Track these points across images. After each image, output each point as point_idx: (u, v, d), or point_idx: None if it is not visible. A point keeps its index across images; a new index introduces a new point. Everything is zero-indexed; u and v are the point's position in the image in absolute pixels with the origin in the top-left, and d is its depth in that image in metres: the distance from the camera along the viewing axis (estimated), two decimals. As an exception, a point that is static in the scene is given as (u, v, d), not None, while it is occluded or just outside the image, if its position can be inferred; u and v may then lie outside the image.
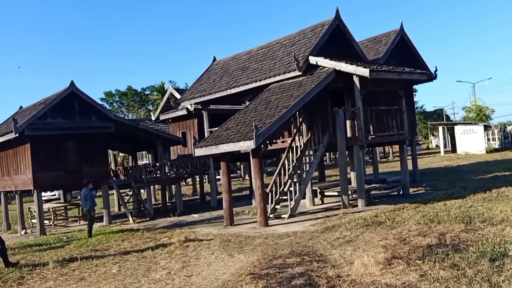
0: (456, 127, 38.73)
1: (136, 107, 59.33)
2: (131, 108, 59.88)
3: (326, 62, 13.74)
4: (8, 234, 17.73)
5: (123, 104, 62.07)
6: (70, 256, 9.82)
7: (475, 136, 36.39)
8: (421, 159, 37.35)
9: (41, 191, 15.58)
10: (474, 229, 8.11)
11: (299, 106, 12.20)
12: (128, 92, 60.77)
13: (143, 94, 60.14)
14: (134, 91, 61.03)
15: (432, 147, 61.13)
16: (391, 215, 10.88)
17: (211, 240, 10.16)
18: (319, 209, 14.11)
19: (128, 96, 60.98)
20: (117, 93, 61.74)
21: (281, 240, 9.26)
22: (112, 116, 16.84)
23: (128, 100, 61.17)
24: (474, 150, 35.74)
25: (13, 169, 16.70)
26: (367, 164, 32.67)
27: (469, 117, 43.77)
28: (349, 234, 8.92)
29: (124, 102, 62.01)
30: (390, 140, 15.09)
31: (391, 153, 53.25)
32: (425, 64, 19.66)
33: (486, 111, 42.09)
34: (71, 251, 10.66)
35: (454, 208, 10.66)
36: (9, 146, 16.87)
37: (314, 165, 13.85)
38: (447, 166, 26.88)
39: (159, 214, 17.67)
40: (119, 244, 11.03)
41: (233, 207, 12.93)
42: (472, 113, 43.08)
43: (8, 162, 17.53)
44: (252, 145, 10.68)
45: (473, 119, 42.04)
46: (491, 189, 13.48)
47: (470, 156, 32.80)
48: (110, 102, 61.85)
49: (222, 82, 17.78)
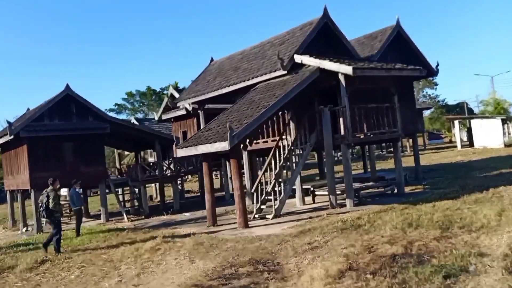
0: (473, 121, 37.65)
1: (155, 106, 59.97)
2: (151, 107, 60.53)
3: (311, 60, 13.43)
4: (11, 232, 18.24)
5: (144, 104, 62.91)
6: (44, 258, 9.93)
7: (493, 129, 35.24)
8: (437, 153, 36.60)
9: (38, 190, 15.84)
10: (448, 236, 7.72)
11: (279, 105, 11.95)
12: (147, 92, 61.46)
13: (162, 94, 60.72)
14: (153, 91, 61.71)
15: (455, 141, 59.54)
16: (374, 217, 10.54)
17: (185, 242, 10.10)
18: (307, 209, 13.86)
19: (147, 95, 61.72)
20: (138, 93, 62.53)
21: (251, 244, 9.09)
22: (107, 117, 17.06)
23: (147, 99, 61.91)
24: (492, 144, 34.67)
25: (15, 169, 17.22)
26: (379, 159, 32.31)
27: (487, 110, 42.47)
28: (320, 239, 8.67)
29: (144, 102, 62.83)
30: (382, 138, 14.67)
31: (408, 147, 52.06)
32: (425, 60, 19.06)
33: (504, 104, 40.67)
34: (50, 252, 10.78)
35: (440, 210, 10.22)
36: (11, 147, 17.39)
37: (300, 165, 13.58)
38: (458, 161, 26.09)
39: (157, 211, 17.80)
40: (97, 246, 11.09)
41: (215, 207, 12.83)
42: (490, 107, 41.80)
43: (11, 163, 18.06)
44: (226, 146, 10.53)
45: (491, 112, 40.77)
46: (489, 188, 12.90)
47: (487, 151, 31.77)
48: (131, 102, 62.79)
49: (215, 82, 17.69)
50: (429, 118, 66.64)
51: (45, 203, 10.91)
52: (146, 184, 18.25)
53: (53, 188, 11.05)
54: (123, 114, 61.94)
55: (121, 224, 15.45)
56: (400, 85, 16.58)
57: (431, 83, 67.44)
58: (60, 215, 11.35)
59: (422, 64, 18.47)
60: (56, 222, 10.98)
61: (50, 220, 11.01)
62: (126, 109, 63.22)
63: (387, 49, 17.92)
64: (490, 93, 45.97)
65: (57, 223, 10.98)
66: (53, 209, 10.82)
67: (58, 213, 11.13)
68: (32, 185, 15.74)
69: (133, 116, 51.36)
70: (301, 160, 13.63)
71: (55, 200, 10.85)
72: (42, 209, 11.02)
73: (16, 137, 15.56)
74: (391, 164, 28.94)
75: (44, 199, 10.99)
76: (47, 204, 10.84)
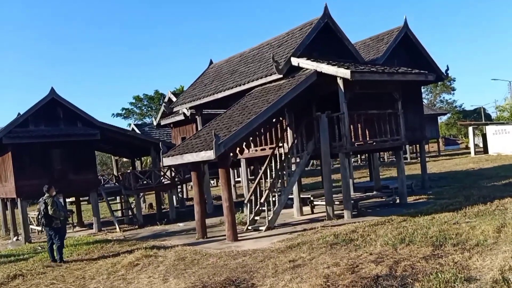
0: (488, 127, 36.57)
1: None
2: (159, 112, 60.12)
3: (308, 64, 12.80)
4: (3, 240, 17.91)
5: (152, 108, 62.68)
6: (16, 273, 9.45)
7: (508, 136, 34.13)
8: (450, 160, 35.60)
9: (24, 199, 15.46)
10: (439, 255, 7.04)
11: (271, 112, 11.34)
12: (155, 96, 61.23)
13: (170, 98, 60.33)
14: (161, 95, 61.40)
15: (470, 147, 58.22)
16: (369, 230, 9.91)
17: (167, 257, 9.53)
18: (304, 220, 13.22)
19: (154, 100, 61.46)
20: (145, 97, 62.31)
21: (233, 260, 8.49)
22: (97, 122, 16.54)
23: (155, 104, 61.65)
24: (506, 151, 33.56)
25: (3, 177, 16.77)
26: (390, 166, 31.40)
27: (502, 116, 41.17)
28: (305, 256, 8.03)
29: (152, 106, 62.58)
30: (383, 146, 13.91)
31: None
32: (434, 63, 18.26)
33: (521, 110, 39.37)
34: (26, 265, 10.32)
35: (438, 224, 9.57)
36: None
37: (296, 174, 12.93)
38: (469, 169, 25.15)
39: (153, 221, 17.28)
40: (78, 259, 10.63)
41: (205, 219, 12.23)
42: (506, 113, 40.48)
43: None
44: (212, 155, 9.95)
45: (507, 118, 39.49)
46: (494, 199, 12.23)
47: (500, 158, 30.76)
48: (139, 106, 62.58)
49: (211, 86, 17.17)
50: (446, 123, 65.57)
51: (43, 210, 10.54)
52: (140, 193, 17.72)
53: (49, 194, 10.67)
54: (130, 119, 61.81)
55: (112, 235, 14.97)
56: (406, 90, 15.84)
57: (448, 88, 66.37)
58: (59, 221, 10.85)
59: (430, 68, 17.71)
60: (56, 229, 10.59)
61: (50, 227, 10.59)
62: (134, 114, 63.08)
63: (393, 52, 17.20)
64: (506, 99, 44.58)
65: (58, 230, 10.60)
66: (53, 216, 10.43)
67: (58, 219, 10.69)
68: (18, 194, 15.29)
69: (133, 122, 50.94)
70: (297, 169, 12.98)
71: (53, 206, 10.44)
72: (41, 217, 10.65)
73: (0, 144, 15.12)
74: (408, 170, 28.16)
75: (41, 206, 10.61)
76: (46, 212, 10.46)
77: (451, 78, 64.92)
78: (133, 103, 61.79)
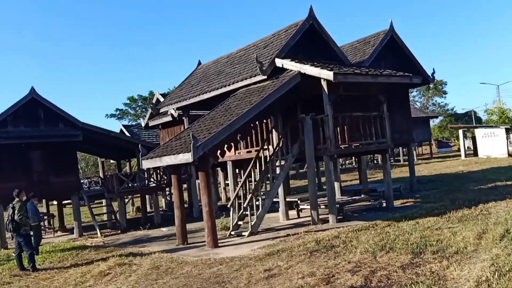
0: (477, 130, 36.80)
1: None
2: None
3: (292, 65, 12.56)
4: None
5: (146, 109, 62.11)
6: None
7: (497, 139, 34.35)
8: (442, 162, 35.62)
9: (1, 203, 14.98)
10: (417, 264, 6.82)
11: (252, 114, 11.08)
12: (150, 97, 60.60)
13: (164, 99, 59.71)
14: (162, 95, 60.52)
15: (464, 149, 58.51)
16: (351, 236, 9.71)
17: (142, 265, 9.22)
18: (289, 225, 12.95)
19: (148, 101, 60.84)
20: (140, 98, 61.70)
21: (208, 269, 8.21)
22: (79, 123, 16.14)
23: (149, 104, 60.95)
24: (495, 154, 33.82)
25: (-17, 178, 16.28)
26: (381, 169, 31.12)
27: (491, 119, 41.40)
28: (282, 265, 7.77)
29: (146, 107, 61.99)
30: (369, 149, 13.70)
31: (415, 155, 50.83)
32: (420, 66, 18.17)
33: (508, 113, 39.53)
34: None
35: (421, 229, 9.40)
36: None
37: (281, 177, 12.68)
38: (458, 172, 25.13)
39: (137, 225, 16.90)
40: (49, 267, 10.27)
41: (186, 224, 11.92)
42: (495, 116, 40.71)
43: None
44: (190, 158, 9.66)
45: (495, 121, 39.73)
46: (479, 203, 12.13)
47: (490, 160, 30.91)
48: (133, 107, 61.94)
49: (198, 87, 16.90)
50: (438, 126, 66.02)
51: (10, 215, 10.24)
52: (124, 196, 17.34)
53: (19, 199, 10.37)
54: (125, 119, 61.23)
55: (92, 240, 14.61)
56: (393, 93, 15.70)
57: (440, 92, 66.76)
58: (29, 228, 10.58)
59: (417, 71, 17.59)
60: (25, 236, 10.26)
61: (18, 234, 10.27)
62: (128, 115, 62.50)
63: (380, 55, 17.03)
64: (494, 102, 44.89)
65: (26, 237, 10.27)
66: (19, 222, 10.10)
67: (27, 226, 10.40)
68: (-6, 197, 14.86)
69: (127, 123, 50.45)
70: (282, 172, 12.73)
71: (20, 212, 10.13)
72: (8, 222, 10.35)
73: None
74: (394, 174, 28.04)
75: (10, 211, 10.31)
76: (13, 217, 10.14)
77: (442, 82, 65.41)
78: (127, 104, 61.19)
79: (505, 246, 7.06)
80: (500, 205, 11.62)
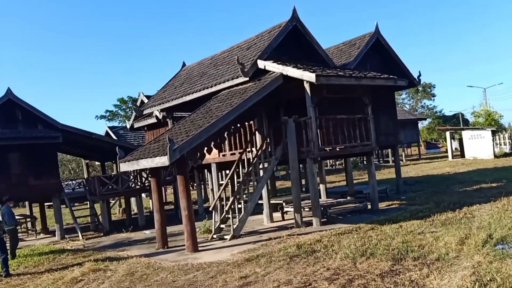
0: (464, 132, 37.09)
1: None
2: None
3: (274, 66, 12.37)
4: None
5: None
6: None
7: (483, 141, 34.65)
8: (429, 164, 35.78)
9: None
10: (397, 271, 6.66)
11: (233, 116, 10.85)
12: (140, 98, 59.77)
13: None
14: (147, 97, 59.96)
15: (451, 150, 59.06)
16: (333, 240, 9.56)
17: (117, 271, 8.95)
18: (272, 228, 12.76)
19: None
20: (130, 100, 60.94)
21: (184, 276, 7.97)
22: (59, 125, 15.77)
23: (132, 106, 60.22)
24: (482, 155, 34.13)
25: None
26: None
27: (478, 122, 41.80)
28: (260, 271, 7.56)
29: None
30: (353, 152, 13.55)
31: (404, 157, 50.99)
32: (406, 69, 18.11)
33: (495, 115, 39.88)
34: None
35: (403, 233, 9.27)
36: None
37: (264, 180, 12.48)
38: (445, 173, 25.16)
39: (121, 227, 16.57)
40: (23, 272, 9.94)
41: (166, 227, 11.66)
42: (481, 118, 41.10)
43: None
44: (166, 162, 9.40)
45: (481, 124, 40.13)
46: (463, 206, 12.09)
47: (476, 162, 31.09)
48: (123, 109, 61.20)
49: (181, 89, 16.62)
50: (427, 128, 66.64)
51: None
52: (106, 199, 16.99)
53: None
54: (115, 121, 60.50)
55: (74, 243, 14.27)
56: (379, 95, 15.60)
57: (429, 95, 67.27)
58: (2, 232, 10.26)
59: (403, 74, 17.52)
60: None
61: None
62: (119, 116, 61.79)
63: (366, 57, 16.93)
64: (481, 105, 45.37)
65: None
66: None
67: (0, 230, 10.08)
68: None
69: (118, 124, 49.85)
70: (265, 175, 12.52)
71: None
72: None
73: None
74: (382, 175, 28.07)
75: None
76: None
77: (431, 85, 65.97)
78: (118, 105, 60.44)
79: (487, 253, 6.94)
80: (484, 208, 11.59)
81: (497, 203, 12.04)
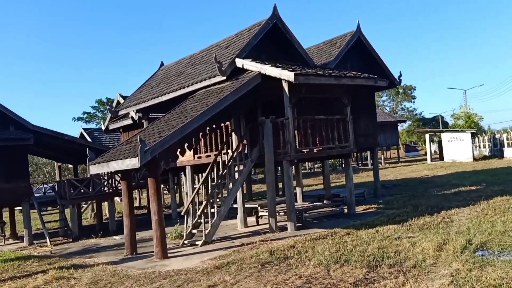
0: (443, 135, 37.27)
1: None
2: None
3: (252, 65, 12.01)
4: None
5: None
6: None
7: (462, 143, 34.86)
8: (408, 166, 35.87)
9: None
10: (372, 279, 6.35)
11: (207, 116, 10.42)
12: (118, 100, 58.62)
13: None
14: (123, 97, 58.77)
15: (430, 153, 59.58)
16: (307, 246, 9.22)
17: (81, 279, 8.43)
18: (246, 233, 12.34)
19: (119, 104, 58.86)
20: (108, 101, 59.66)
21: (150, 285, 7.50)
22: (30, 126, 15.06)
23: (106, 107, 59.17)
24: (461, 158, 34.33)
25: None
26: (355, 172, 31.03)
27: (457, 124, 42.14)
28: (229, 280, 7.16)
29: None
30: (330, 153, 13.27)
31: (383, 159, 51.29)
32: (386, 69, 17.93)
33: (474, 118, 40.31)
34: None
35: (379, 239, 8.99)
36: None
37: (239, 183, 12.10)
38: (423, 176, 25.19)
39: (91, 232, 15.93)
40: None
41: (135, 233, 11.16)
42: (461, 120, 41.47)
43: None
44: (137, 164, 8.93)
45: (461, 126, 40.44)
46: (442, 210, 11.93)
47: (455, 165, 31.27)
48: (101, 110, 59.97)
49: (157, 89, 16.12)
50: (407, 130, 67.15)
51: None
52: (77, 202, 16.34)
53: None
54: (92, 123, 59.21)
55: (41, 249, 13.59)
56: (359, 96, 15.39)
57: (409, 97, 67.84)
58: None
59: (383, 74, 17.36)
60: None
61: None
62: (96, 118, 60.53)
63: (347, 57, 16.70)
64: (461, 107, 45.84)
65: None
66: None
67: None
68: None
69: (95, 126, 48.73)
70: (240, 178, 12.13)
71: None
72: None
73: None
74: (361, 178, 27.97)
75: None
76: None
77: (411, 87, 66.44)
78: (96, 107, 59.21)
79: (466, 260, 6.69)
80: (463, 211, 11.43)
81: (476, 207, 11.92)
